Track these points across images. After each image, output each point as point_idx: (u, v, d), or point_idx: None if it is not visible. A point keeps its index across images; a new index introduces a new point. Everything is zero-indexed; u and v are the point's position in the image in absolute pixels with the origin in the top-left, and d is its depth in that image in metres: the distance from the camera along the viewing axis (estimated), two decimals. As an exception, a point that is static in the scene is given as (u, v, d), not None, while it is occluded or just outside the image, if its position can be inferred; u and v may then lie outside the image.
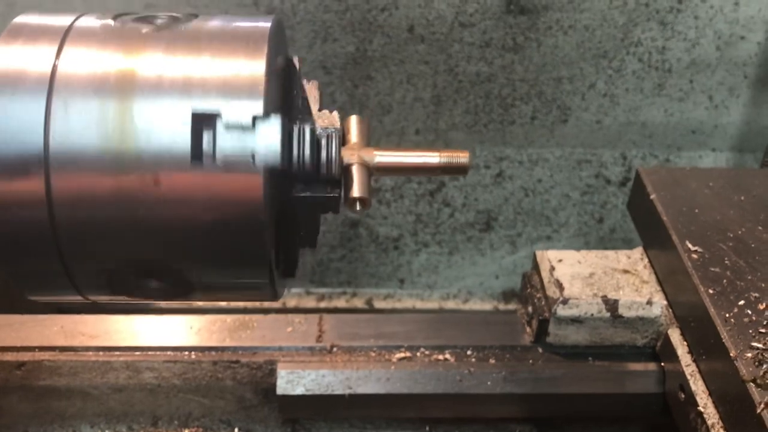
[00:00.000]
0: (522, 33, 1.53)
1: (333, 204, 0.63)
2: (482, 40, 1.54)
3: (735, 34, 1.54)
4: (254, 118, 0.54)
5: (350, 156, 0.64)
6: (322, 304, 1.80)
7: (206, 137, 0.54)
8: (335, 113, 0.65)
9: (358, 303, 1.81)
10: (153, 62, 0.57)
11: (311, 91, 0.64)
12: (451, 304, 1.83)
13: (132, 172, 0.55)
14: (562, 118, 1.64)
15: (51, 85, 0.55)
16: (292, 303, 1.77)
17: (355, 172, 0.63)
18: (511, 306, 1.79)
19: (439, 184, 1.72)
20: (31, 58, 0.56)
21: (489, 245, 1.79)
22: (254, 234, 0.56)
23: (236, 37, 0.58)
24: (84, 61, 0.56)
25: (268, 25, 0.60)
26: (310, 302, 1.79)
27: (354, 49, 1.55)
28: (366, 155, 0.64)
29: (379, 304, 1.82)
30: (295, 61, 0.67)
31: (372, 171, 0.65)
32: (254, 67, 0.56)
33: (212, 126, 0.54)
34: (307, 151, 0.60)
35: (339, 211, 0.64)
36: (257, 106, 0.55)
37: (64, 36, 0.57)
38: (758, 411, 0.78)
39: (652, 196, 1.07)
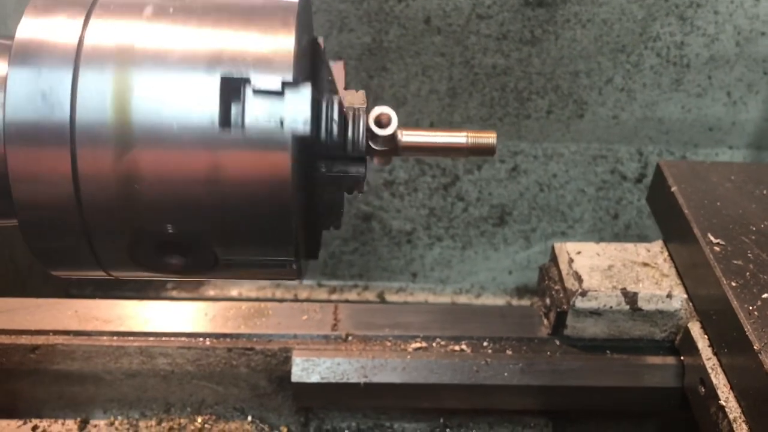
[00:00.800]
0: (540, 26, 1.52)
1: (358, 182, 0.63)
2: (499, 33, 1.53)
3: (755, 30, 1.53)
4: (284, 84, 0.54)
5: (376, 144, 0.63)
6: (334, 297, 1.79)
7: (234, 106, 0.54)
8: (362, 92, 0.64)
9: (370, 296, 1.81)
10: (181, 34, 0.56)
11: (337, 71, 0.64)
12: (463, 299, 1.82)
13: (158, 145, 0.54)
14: (578, 112, 1.63)
15: (77, 57, 0.55)
16: (303, 294, 1.77)
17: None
18: (525, 302, 1.78)
19: (453, 178, 1.71)
20: (57, 30, 0.56)
21: (503, 240, 1.78)
22: (281, 209, 0.55)
23: (265, 9, 0.57)
24: (111, 32, 0.56)
25: (296, 0, 0.59)
26: (321, 294, 1.78)
27: (370, 39, 1.54)
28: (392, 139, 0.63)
29: (390, 298, 1.81)
30: (320, 41, 0.66)
31: (399, 151, 0.64)
32: (283, 38, 0.56)
33: (241, 93, 0.54)
34: (335, 125, 0.59)
35: (363, 189, 0.64)
36: (287, 74, 0.54)
37: (90, 7, 0.56)
38: (783, 404, 0.77)
39: (673, 189, 1.06)
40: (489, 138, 0.64)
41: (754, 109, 1.63)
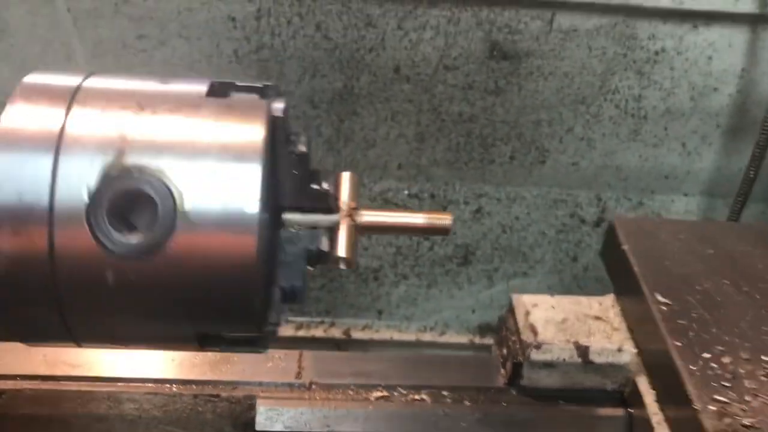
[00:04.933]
0: (504, 77, 1.58)
1: (321, 256, 0.67)
2: (465, 83, 1.58)
3: (708, 86, 1.60)
4: None
5: (339, 215, 0.67)
6: (300, 333, 1.82)
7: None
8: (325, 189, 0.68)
9: (336, 333, 1.84)
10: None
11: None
12: (427, 337, 1.86)
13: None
14: (540, 159, 1.69)
15: (59, 144, 0.58)
16: (270, 331, 1.79)
17: (343, 231, 0.66)
18: (487, 340, 1.82)
19: (420, 219, 1.76)
20: (40, 118, 0.59)
21: (466, 279, 1.83)
22: (248, 310, 0.60)
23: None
24: (92, 121, 0.59)
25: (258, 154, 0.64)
26: (288, 331, 1.81)
27: (341, 85, 1.58)
28: (354, 215, 0.67)
29: (356, 335, 1.84)
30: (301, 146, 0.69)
31: (359, 230, 0.68)
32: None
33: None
34: (303, 143, 0.65)
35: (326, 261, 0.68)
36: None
37: (72, 96, 0.60)
38: (719, 463, 0.82)
39: (624, 247, 1.12)
40: (445, 220, 0.68)
41: (707, 159, 1.71)
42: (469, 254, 1.81)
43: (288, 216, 0.67)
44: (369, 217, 0.68)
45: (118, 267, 0.58)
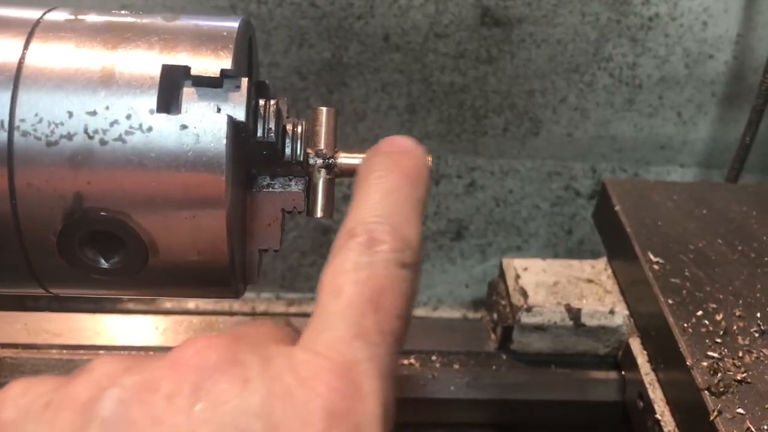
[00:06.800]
0: (496, 45, 1.55)
1: (297, 201, 0.65)
2: (456, 51, 1.56)
3: (703, 53, 1.58)
4: (222, 72, 0.56)
5: (314, 158, 0.65)
6: (292, 309, 1.79)
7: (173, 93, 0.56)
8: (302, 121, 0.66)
9: (328, 309, 1.81)
10: (126, 56, 0.57)
11: (281, 105, 0.65)
12: (420, 312, 1.83)
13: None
14: (533, 130, 1.66)
15: (17, 77, 0.55)
16: (261, 307, 1.77)
17: (321, 186, 0.65)
18: (480, 314, 1.80)
19: (412, 192, 1.74)
20: (-3, 51, 0.57)
21: (459, 254, 1.81)
22: (214, 198, 0.56)
23: (208, 30, 0.60)
24: (52, 53, 0.57)
25: (236, 24, 0.61)
26: (279, 307, 1.79)
27: (330, 55, 1.56)
28: (330, 161, 0.65)
29: (349, 311, 1.82)
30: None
31: (337, 173, 0.66)
32: (224, 40, 0.59)
33: (180, 81, 0.57)
34: (272, 132, 0.61)
35: (303, 209, 0.65)
36: (226, 63, 0.57)
37: (32, 29, 0.57)
38: (711, 418, 0.80)
39: (617, 208, 1.09)
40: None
41: (703, 129, 1.68)
42: (462, 229, 1.79)
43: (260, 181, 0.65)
44: (346, 160, 0.66)
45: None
